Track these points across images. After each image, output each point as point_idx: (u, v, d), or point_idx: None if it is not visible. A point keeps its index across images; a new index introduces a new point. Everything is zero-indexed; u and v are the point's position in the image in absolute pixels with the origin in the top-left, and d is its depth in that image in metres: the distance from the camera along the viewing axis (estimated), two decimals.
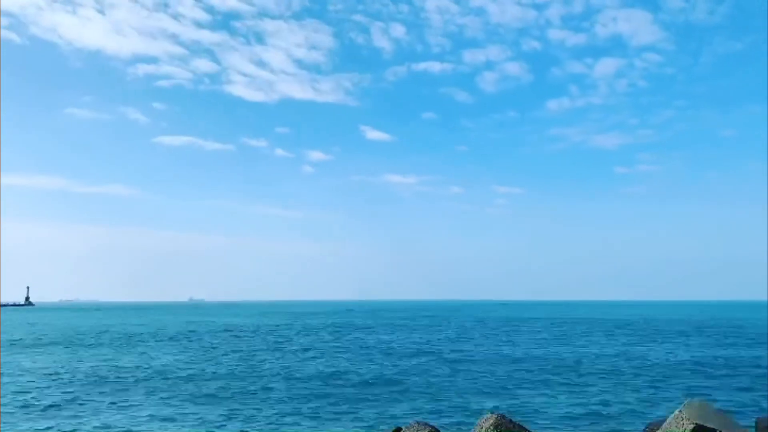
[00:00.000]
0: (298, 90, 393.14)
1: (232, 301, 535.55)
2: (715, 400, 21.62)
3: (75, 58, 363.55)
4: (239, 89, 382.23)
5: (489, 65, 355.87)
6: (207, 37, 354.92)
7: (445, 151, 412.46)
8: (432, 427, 14.91)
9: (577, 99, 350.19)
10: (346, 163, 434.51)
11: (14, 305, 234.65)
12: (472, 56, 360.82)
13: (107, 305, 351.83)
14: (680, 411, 13.32)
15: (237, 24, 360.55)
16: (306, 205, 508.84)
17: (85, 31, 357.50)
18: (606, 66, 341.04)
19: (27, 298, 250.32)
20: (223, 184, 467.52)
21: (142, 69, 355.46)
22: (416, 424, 14.78)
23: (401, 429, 15.17)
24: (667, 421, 13.55)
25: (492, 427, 13.61)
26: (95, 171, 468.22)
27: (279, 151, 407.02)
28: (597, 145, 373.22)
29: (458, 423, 19.30)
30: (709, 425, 12.56)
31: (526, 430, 14.23)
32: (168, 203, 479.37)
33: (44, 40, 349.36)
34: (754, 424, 16.62)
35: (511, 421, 14.07)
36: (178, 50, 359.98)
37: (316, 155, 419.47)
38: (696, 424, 12.60)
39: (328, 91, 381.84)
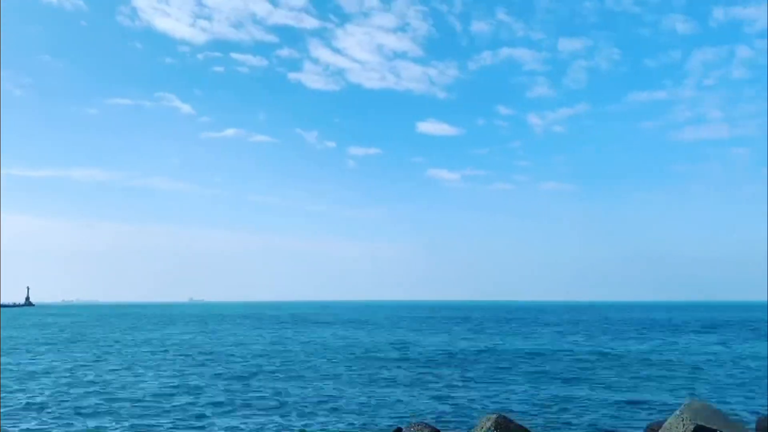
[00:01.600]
0: (375, 79, 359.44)
1: (236, 301, 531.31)
2: (715, 401, 21.59)
3: (142, 44, 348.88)
4: (309, 77, 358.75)
5: (585, 54, 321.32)
6: (299, 19, 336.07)
7: (503, 145, 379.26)
8: (432, 427, 14.92)
9: (661, 91, 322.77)
10: (394, 158, 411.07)
11: (14, 306, 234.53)
12: (568, 45, 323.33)
13: (107, 306, 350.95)
14: (681, 412, 13.32)
15: (329, 4, 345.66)
16: (346, 200, 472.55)
17: (160, 16, 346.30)
18: (705, 55, 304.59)
19: (27, 299, 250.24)
20: (262, 178, 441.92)
21: (212, 56, 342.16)
22: (416, 424, 14.78)
23: (401, 429, 15.18)
24: (668, 421, 13.55)
25: (492, 427, 13.62)
26: (135, 163, 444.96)
27: (330, 144, 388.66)
28: (670, 140, 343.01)
29: (458, 423, 19.27)
30: (709, 426, 12.55)
31: (526, 430, 14.23)
32: (203, 197, 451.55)
33: (117, 24, 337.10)
34: (754, 425, 16.62)
35: (511, 421, 14.08)
36: (263, 36, 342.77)
37: (363, 149, 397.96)
38: (697, 424, 12.60)
39: (409, 79, 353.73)
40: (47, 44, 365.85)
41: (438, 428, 15.23)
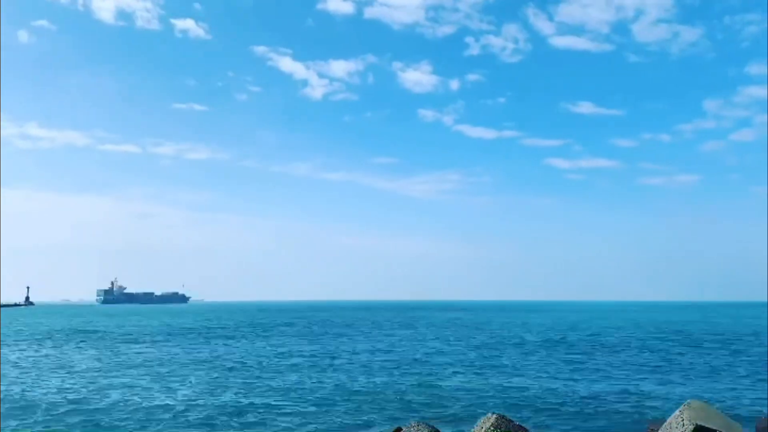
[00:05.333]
0: (584, 43, 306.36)
1: (237, 301, 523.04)
2: (715, 401, 21.61)
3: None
4: (497, 43, 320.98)
5: None
6: None
7: (654, 133, 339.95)
8: (432, 427, 14.92)
9: None
10: (515, 142, 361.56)
11: (14, 305, 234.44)
12: None
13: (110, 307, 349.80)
14: (680, 412, 13.33)
15: None
16: (450, 191, 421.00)
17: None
18: None
19: (27, 298, 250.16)
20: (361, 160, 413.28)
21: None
22: (416, 424, 14.77)
23: (401, 429, 15.18)
24: (668, 421, 13.57)
25: (492, 428, 13.64)
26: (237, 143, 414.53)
27: (456, 125, 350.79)
28: None
29: (458, 423, 19.29)
30: (709, 426, 12.56)
31: (525, 430, 14.26)
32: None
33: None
34: (754, 425, 16.63)
35: (510, 421, 14.10)
36: None
37: (487, 130, 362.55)
38: (696, 424, 12.60)
39: (632, 48, 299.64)
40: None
41: (438, 428, 15.24)
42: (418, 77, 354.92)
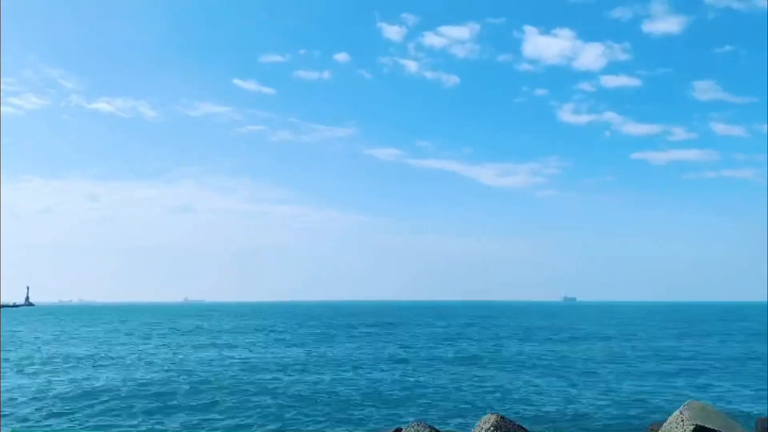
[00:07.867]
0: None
1: (241, 301, 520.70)
2: (715, 401, 21.60)
3: None
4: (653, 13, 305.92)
5: None
6: None
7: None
8: (432, 427, 14.93)
9: None
10: (620, 126, 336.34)
11: (14, 306, 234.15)
12: None
13: (111, 306, 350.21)
14: (681, 412, 13.35)
15: None
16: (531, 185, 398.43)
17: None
18: None
19: (27, 299, 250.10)
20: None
21: None
22: (416, 425, 14.79)
23: (401, 429, 15.19)
24: (668, 421, 13.58)
25: (492, 428, 13.64)
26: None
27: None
28: None
29: (458, 423, 19.27)
30: (709, 426, 12.57)
31: (525, 430, 14.27)
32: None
33: None
34: (754, 425, 16.64)
35: (510, 421, 14.11)
36: None
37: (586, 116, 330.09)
38: (696, 424, 12.61)
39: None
40: None
41: (438, 428, 15.24)
42: (548, 43, 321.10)
